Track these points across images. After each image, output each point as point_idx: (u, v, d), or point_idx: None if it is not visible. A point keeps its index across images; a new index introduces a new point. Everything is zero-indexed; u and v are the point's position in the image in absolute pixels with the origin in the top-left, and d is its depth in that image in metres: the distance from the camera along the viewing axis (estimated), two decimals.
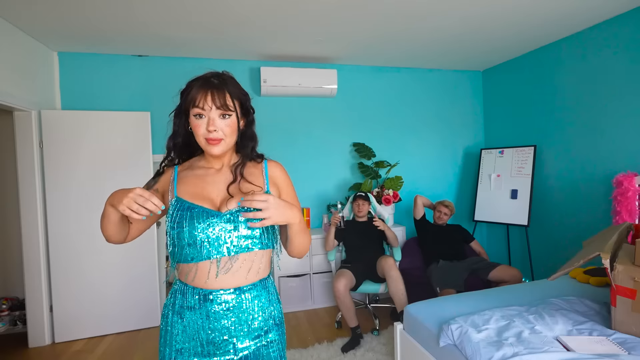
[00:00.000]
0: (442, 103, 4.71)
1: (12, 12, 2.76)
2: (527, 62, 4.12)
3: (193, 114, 1.11)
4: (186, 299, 1.13)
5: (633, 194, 2.89)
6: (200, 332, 1.12)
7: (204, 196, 1.15)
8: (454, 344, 1.92)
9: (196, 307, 1.12)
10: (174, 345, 1.14)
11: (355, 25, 3.23)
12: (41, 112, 3.27)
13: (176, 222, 1.11)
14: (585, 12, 3.09)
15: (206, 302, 1.11)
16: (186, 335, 1.13)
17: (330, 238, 3.52)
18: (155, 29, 3.17)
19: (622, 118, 3.16)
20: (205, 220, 1.10)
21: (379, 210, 3.82)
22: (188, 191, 1.16)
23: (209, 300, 1.11)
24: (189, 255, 1.10)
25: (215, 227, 1.10)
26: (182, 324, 1.13)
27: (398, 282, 3.09)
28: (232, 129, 1.14)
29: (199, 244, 1.10)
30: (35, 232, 3.25)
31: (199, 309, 1.12)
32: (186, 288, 1.14)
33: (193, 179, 1.19)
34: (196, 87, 1.11)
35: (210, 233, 1.10)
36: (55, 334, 3.33)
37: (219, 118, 1.11)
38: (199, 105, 1.09)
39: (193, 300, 1.12)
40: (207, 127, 1.10)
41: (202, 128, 1.10)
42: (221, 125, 1.11)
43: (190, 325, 1.12)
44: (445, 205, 3.74)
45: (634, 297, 1.77)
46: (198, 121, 1.11)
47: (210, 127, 1.09)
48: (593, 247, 1.93)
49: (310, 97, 4.19)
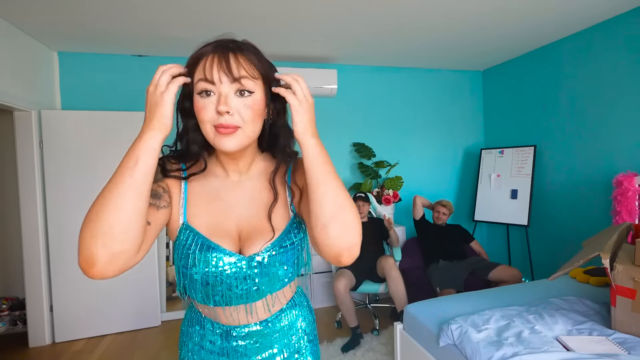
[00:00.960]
0: (442, 103, 4.71)
1: (13, 12, 2.76)
2: (527, 62, 4.12)
3: (197, 91, 0.78)
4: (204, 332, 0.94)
5: (633, 194, 2.89)
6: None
7: (223, 229, 0.87)
8: (453, 343, 1.92)
9: (217, 342, 0.93)
10: None
11: (355, 25, 3.23)
12: (41, 112, 3.27)
13: (187, 259, 0.84)
14: (585, 12, 3.09)
15: (228, 337, 0.92)
16: None
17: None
18: (155, 29, 3.17)
19: (622, 118, 3.16)
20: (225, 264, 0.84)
21: (379, 210, 3.82)
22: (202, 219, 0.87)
23: (231, 335, 0.92)
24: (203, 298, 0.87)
25: (237, 273, 0.85)
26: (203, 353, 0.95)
27: (398, 282, 3.09)
28: (255, 113, 0.80)
29: (215, 291, 0.85)
30: (36, 232, 3.25)
31: (220, 344, 0.93)
32: (204, 320, 0.94)
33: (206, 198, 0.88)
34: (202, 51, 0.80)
35: (230, 279, 0.84)
36: (56, 333, 3.33)
37: (235, 96, 0.78)
38: (206, 77, 0.76)
39: (213, 334, 0.93)
40: (216, 108, 0.76)
41: (209, 110, 0.77)
42: (238, 106, 0.77)
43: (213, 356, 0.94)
44: (443, 205, 3.75)
45: (634, 297, 1.77)
46: (204, 101, 0.77)
47: (222, 107, 0.75)
48: (593, 247, 1.94)
49: None
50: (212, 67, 0.77)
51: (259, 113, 0.81)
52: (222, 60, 0.77)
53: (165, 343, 3.26)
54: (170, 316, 3.75)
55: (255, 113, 0.80)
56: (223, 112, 0.75)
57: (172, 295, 4.27)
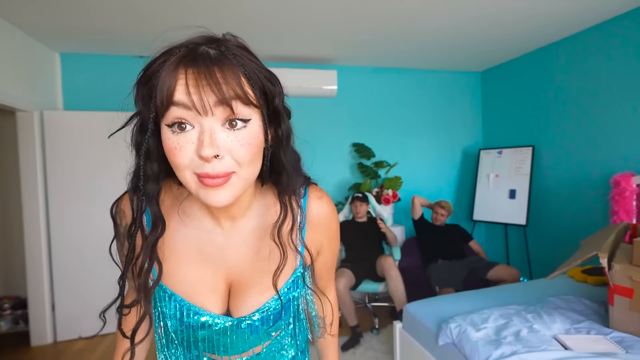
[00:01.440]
0: (441, 104, 4.72)
1: (14, 13, 2.77)
2: (525, 63, 4.14)
3: (167, 122, 0.55)
4: None
5: (630, 194, 2.91)
6: None
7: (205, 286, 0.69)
8: (452, 342, 1.94)
9: None
10: None
11: (355, 26, 3.24)
12: (43, 113, 3.28)
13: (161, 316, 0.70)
14: (585, 13, 3.11)
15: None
16: None
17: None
18: (157, 30, 3.18)
19: (620, 118, 3.18)
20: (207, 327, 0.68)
21: (378, 210, 3.84)
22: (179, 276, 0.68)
23: None
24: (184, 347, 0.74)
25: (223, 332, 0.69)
26: None
27: (397, 282, 3.11)
28: (254, 149, 0.58)
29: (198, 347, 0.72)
30: (37, 231, 3.26)
31: None
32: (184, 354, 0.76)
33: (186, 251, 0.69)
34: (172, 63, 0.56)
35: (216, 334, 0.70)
36: (57, 332, 3.34)
37: (224, 128, 0.55)
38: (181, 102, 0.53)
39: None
40: (199, 151, 0.53)
41: (188, 153, 0.54)
42: (229, 144, 0.55)
43: None
44: (441, 206, 3.76)
45: (632, 296, 1.79)
46: (177, 139, 0.54)
47: (206, 151, 0.52)
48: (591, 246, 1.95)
49: (310, 98, 4.20)
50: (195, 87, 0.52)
51: (258, 149, 0.58)
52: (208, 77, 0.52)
53: None
54: None
55: (254, 150, 0.57)
56: (209, 158, 0.52)
57: None
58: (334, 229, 0.77)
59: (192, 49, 0.56)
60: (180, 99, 0.52)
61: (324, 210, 0.73)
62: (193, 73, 0.52)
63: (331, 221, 0.75)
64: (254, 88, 0.57)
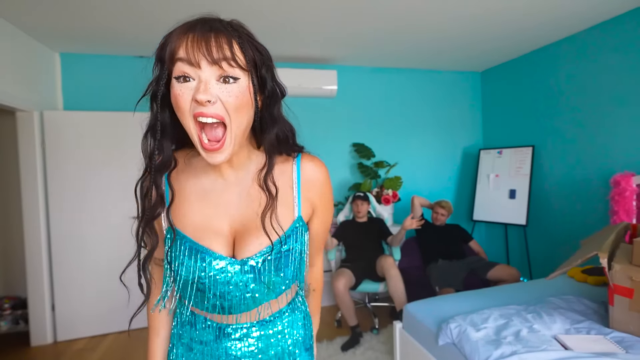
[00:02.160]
0: (441, 103, 4.73)
1: (14, 13, 2.77)
2: (525, 63, 4.14)
3: (175, 74, 0.68)
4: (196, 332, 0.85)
5: (630, 194, 2.91)
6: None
7: (212, 230, 0.79)
8: (452, 342, 1.94)
9: (210, 342, 0.84)
10: None
11: (355, 26, 3.24)
12: (43, 113, 3.28)
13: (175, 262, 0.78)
14: (585, 13, 3.11)
15: (222, 336, 0.84)
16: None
17: (327, 237, 3.53)
18: (157, 30, 3.18)
19: (620, 118, 3.18)
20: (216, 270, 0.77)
21: (378, 211, 3.84)
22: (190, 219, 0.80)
23: (225, 334, 0.83)
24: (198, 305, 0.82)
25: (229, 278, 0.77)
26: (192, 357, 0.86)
27: (397, 281, 3.11)
28: (242, 101, 0.69)
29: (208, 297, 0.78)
30: (37, 231, 3.26)
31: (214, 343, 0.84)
32: (195, 319, 0.85)
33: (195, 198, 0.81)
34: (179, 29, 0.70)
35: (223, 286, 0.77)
36: (57, 332, 3.34)
37: (217, 82, 0.68)
38: (182, 56, 0.67)
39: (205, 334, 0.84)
40: (195, 95, 0.66)
41: (187, 98, 0.67)
42: (220, 93, 0.68)
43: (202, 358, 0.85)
44: (441, 206, 3.76)
45: (632, 296, 1.79)
46: (181, 87, 0.68)
47: (201, 95, 0.65)
48: (591, 246, 1.95)
49: (310, 98, 4.20)
50: (190, 46, 0.66)
51: (244, 103, 0.70)
52: (202, 39, 0.66)
53: None
54: None
55: (240, 102, 0.69)
56: (203, 102, 0.65)
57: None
58: (326, 192, 0.87)
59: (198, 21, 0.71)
60: (181, 55, 0.67)
61: (316, 171, 0.84)
62: (193, 37, 0.67)
63: (323, 183, 0.85)
64: (245, 56, 0.70)
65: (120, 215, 3.47)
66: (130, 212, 3.50)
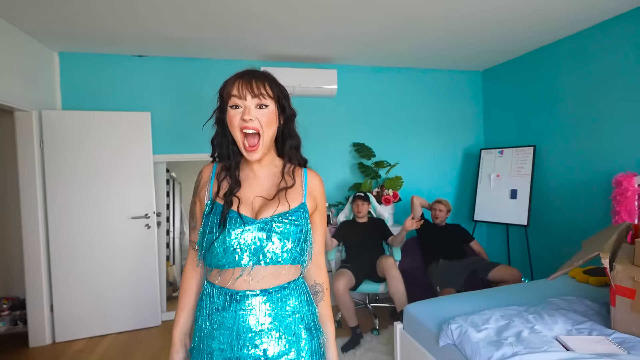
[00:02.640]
0: (442, 103, 4.71)
1: (13, 12, 2.76)
2: (526, 62, 4.13)
3: (230, 104, 1.07)
4: (213, 300, 1.09)
5: (632, 194, 2.90)
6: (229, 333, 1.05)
7: (244, 203, 1.10)
8: (453, 343, 1.92)
9: (224, 308, 1.06)
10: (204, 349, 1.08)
11: (355, 26, 3.23)
12: (42, 112, 3.27)
13: (210, 226, 1.07)
14: (585, 12, 3.10)
15: (232, 302, 1.05)
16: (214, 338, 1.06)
17: (326, 237, 3.51)
18: (156, 30, 3.17)
19: (622, 118, 3.16)
20: (239, 227, 1.04)
21: (379, 211, 3.83)
22: None
23: (235, 300, 1.05)
24: (220, 261, 1.05)
25: (248, 235, 1.04)
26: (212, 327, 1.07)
27: (398, 282, 3.09)
28: (270, 120, 1.08)
29: (230, 251, 1.03)
30: (36, 232, 3.25)
31: (226, 310, 1.06)
32: (214, 289, 1.10)
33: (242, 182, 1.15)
34: (234, 77, 1.09)
35: (242, 240, 1.03)
36: (56, 333, 3.33)
37: (255, 108, 1.06)
38: (235, 94, 1.05)
39: (219, 301, 1.07)
40: (242, 116, 1.05)
41: (237, 118, 1.05)
42: (257, 115, 1.06)
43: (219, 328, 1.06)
44: (439, 201, 3.75)
45: (633, 297, 1.78)
46: (234, 112, 1.06)
47: (246, 116, 1.04)
48: (592, 246, 1.94)
49: (310, 97, 4.19)
50: (240, 87, 1.05)
51: (273, 120, 1.10)
52: (247, 83, 1.06)
53: (165, 343, 3.26)
54: (170, 316, 3.76)
55: (270, 120, 1.08)
56: (247, 119, 1.04)
57: (172, 295, 4.27)
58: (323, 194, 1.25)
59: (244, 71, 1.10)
60: (235, 93, 1.05)
61: (317, 180, 1.23)
62: (242, 82, 1.06)
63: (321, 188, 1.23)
64: (272, 92, 1.09)
65: (119, 215, 3.47)
66: (128, 212, 3.50)
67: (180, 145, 3.86)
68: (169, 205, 4.31)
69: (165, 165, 3.93)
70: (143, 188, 3.54)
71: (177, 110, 3.87)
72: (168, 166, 4.14)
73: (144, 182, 3.54)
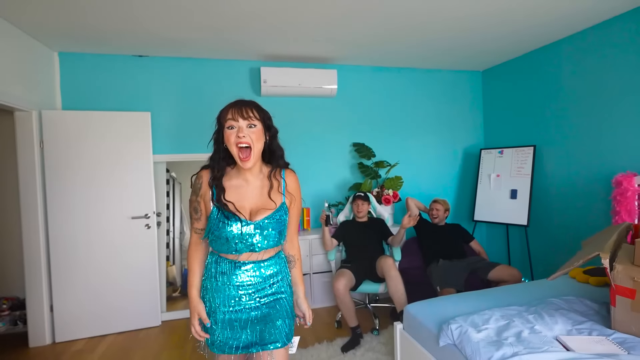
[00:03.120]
0: (442, 103, 4.71)
1: (13, 12, 2.76)
2: (526, 62, 4.13)
3: (227, 126, 1.40)
4: (219, 266, 1.48)
5: (632, 194, 2.89)
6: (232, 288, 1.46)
7: (240, 207, 1.44)
8: (453, 343, 1.92)
9: (229, 271, 1.46)
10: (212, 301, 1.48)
11: (355, 26, 3.23)
12: (42, 112, 3.27)
13: (218, 225, 1.42)
14: (585, 12, 3.10)
15: (235, 268, 1.46)
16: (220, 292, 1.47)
17: (326, 237, 3.52)
18: (156, 30, 3.17)
19: (622, 118, 3.16)
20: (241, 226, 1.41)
21: (379, 211, 3.82)
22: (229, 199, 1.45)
23: (237, 267, 1.46)
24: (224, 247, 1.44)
25: (245, 231, 1.41)
26: (217, 285, 1.47)
27: (398, 282, 3.09)
28: (258, 136, 1.41)
29: (233, 242, 1.42)
30: (36, 232, 3.25)
31: (230, 273, 1.46)
32: (220, 259, 1.49)
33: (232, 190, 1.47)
34: (228, 106, 1.42)
35: (242, 235, 1.41)
36: (56, 333, 3.33)
37: (247, 127, 1.39)
38: (231, 118, 1.38)
39: (225, 266, 1.47)
40: (237, 134, 1.38)
41: (233, 136, 1.38)
42: (248, 132, 1.39)
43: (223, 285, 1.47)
44: (436, 201, 3.74)
45: (634, 297, 1.78)
46: (230, 131, 1.39)
47: (240, 134, 1.37)
48: (592, 246, 1.94)
49: (310, 97, 4.19)
50: (234, 112, 1.39)
51: (260, 136, 1.42)
52: (239, 109, 1.39)
53: (165, 343, 3.26)
54: (170, 316, 3.75)
55: (258, 136, 1.42)
56: (241, 137, 1.37)
57: (172, 295, 4.27)
58: (298, 190, 1.60)
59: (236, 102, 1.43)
60: (230, 117, 1.38)
61: (292, 180, 1.57)
62: (235, 109, 1.39)
63: (296, 185, 1.59)
64: (259, 115, 1.42)
65: (119, 215, 3.47)
66: (128, 212, 3.50)
67: (180, 145, 3.86)
68: (168, 205, 4.31)
69: (165, 165, 3.93)
70: (143, 188, 3.54)
71: (177, 110, 3.87)
72: (168, 166, 4.14)
73: (143, 182, 3.54)
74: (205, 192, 1.47)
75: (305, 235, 3.85)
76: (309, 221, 4.16)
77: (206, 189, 1.46)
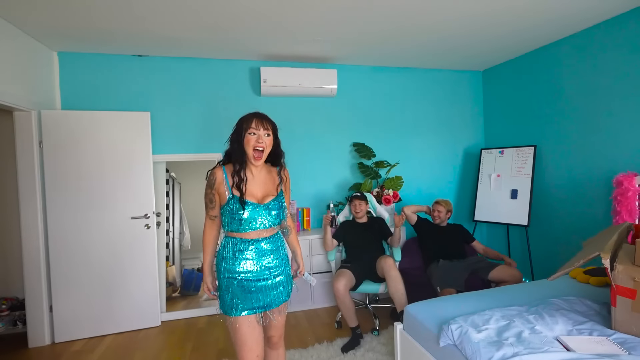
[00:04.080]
0: (442, 103, 4.71)
1: (13, 12, 2.76)
2: (527, 62, 4.12)
3: (249, 132, 1.79)
4: (236, 245, 1.83)
5: (633, 194, 2.89)
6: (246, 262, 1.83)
7: (252, 194, 1.84)
8: (454, 344, 1.92)
9: (244, 249, 1.83)
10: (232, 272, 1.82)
11: (355, 26, 3.23)
12: (41, 112, 3.27)
13: (236, 210, 1.79)
14: (585, 12, 3.09)
15: (250, 244, 1.83)
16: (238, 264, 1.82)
17: (327, 238, 3.51)
18: (156, 29, 3.17)
19: (622, 118, 3.16)
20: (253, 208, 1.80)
21: (379, 211, 3.82)
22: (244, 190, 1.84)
23: (251, 244, 1.84)
24: (241, 227, 1.80)
25: (257, 212, 1.81)
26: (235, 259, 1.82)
27: (398, 282, 3.09)
28: (270, 143, 1.84)
29: (248, 222, 1.80)
30: (35, 232, 3.25)
31: (246, 249, 1.83)
32: (235, 240, 1.84)
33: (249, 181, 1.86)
34: (251, 117, 1.82)
35: (254, 215, 1.80)
36: (55, 334, 3.33)
37: (264, 136, 1.81)
38: (254, 127, 1.79)
39: (241, 245, 1.83)
40: (257, 140, 1.79)
41: (253, 141, 1.79)
42: (265, 139, 1.81)
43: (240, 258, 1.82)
44: (439, 203, 3.73)
45: (634, 297, 1.77)
46: (251, 137, 1.79)
47: (260, 140, 1.79)
48: (593, 247, 1.93)
49: (310, 97, 4.19)
50: (256, 123, 1.79)
51: (270, 143, 1.85)
52: (260, 121, 1.81)
53: (165, 343, 3.26)
54: (170, 316, 3.75)
55: (269, 143, 1.84)
56: (260, 142, 1.79)
57: (172, 296, 4.27)
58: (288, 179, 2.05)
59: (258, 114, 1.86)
60: (252, 126, 1.81)
61: (287, 175, 2.03)
62: (258, 120, 1.82)
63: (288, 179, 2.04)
64: (272, 127, 1.87)
65: (118, 215, 3.46)
66: (128, 212, 3.49)
67: (180, 145, 3.85)
68: (168, 206, 4.31)
69: (164, 165, 3.92)
70: (142, 188, 3.54)
71: (176, 110, 3.86)
72: (168, 166, 4.14)
73: (143, 182, 3.54)
74: (219, 185, 1.84)
75: (305, 236, 3.85)
76: (309, 221, 4.16)
77: (220, 183, 1.84)
